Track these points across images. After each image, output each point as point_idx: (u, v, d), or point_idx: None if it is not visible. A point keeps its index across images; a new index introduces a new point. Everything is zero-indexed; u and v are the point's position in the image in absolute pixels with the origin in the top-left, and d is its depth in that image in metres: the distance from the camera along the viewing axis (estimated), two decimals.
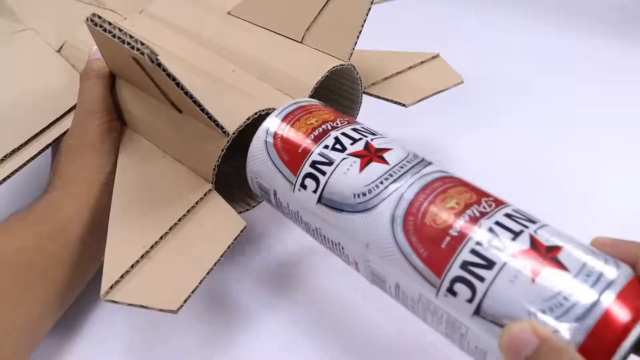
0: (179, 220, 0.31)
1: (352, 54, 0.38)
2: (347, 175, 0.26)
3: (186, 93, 0.29)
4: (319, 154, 0.27)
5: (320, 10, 0.39)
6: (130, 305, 0.27)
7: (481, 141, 0.52)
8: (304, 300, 0.38)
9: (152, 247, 0.30)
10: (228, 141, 0.32)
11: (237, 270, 0.40)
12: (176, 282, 0.28)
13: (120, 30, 0.27)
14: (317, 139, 0.28)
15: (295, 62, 0.38)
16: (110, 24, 0.28)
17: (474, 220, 0.23)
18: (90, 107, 0.35)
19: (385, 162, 0.26)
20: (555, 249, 0.22)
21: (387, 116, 0.48)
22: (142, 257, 0.29)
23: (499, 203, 0.25)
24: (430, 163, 0.27)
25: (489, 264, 0.21)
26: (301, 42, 0.39)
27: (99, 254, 0.32)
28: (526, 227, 0.23)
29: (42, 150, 0.35)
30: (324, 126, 0.29)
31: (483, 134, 0.53)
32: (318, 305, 0.38)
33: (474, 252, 0.22)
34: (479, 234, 0.22)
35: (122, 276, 0.28)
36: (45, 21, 0.44)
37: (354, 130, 0.28)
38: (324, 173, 0.27)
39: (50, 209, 0.32)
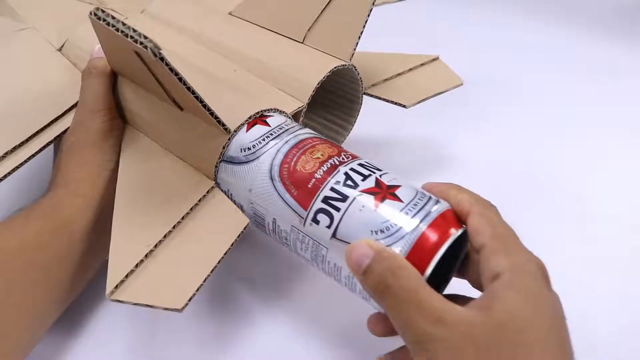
0: (182, 218, 0.31)
1: (353, 54, 0.38)
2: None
3: (188, 88, 0.29)
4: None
5: (322, 11, 0.39)
6: (135, 304, 0.27)
7: (480, 141, 0.53)
8: (306, 300, 0.38)
9: (156, 245, 0.30)
10: (229, 138, 0.32)
11: (239, 268, 0.40)
12: (180, 280, 0.28)
13: (124, 24, 0.27)
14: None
15: (297, 63, 0.38)
16: (113, 17, 0.28)
17: (334, 167, 0.29)
18: (92, 105, 0.35)
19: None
20: (394, 187, 0.28)
21: (387, 117, 0.49)
22: (146, 256, 0.29)
23: (355, 157, 0.31)
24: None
25: (344, 198, 0.28)
26: (302, 43, 0.40)
27: (103, 251, 0.33)
28: (373, 172, 0.29)
29: (43, 147, 0.35)
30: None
31: (482, 134, 0.53)
32: (320, 304, 0.38)
33: (332, 189, 0.28)
34: (337, 176, 0.29)
35: (126, 276, 0.28)
36: (46, 20, 0.44)
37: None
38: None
39: (54, 206, 0.32)
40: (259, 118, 0.33)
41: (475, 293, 0.28)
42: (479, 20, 0.71)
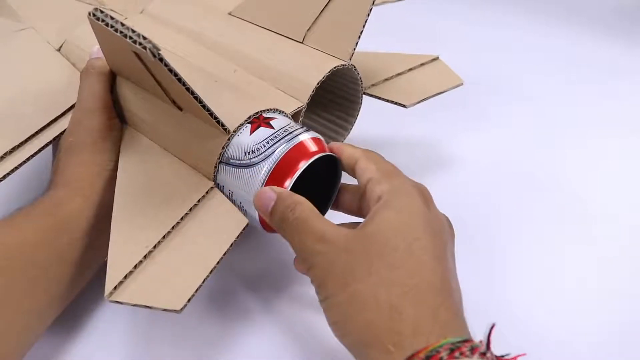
0: (181, 219, 0.31)
1: (353, 54, 0.38)
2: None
3: (187, 89, 0.29)
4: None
5: (322, 11, 0.39)
6: (134, 305, 0.27)
7: (480, 141, 0.53)
8: (306, 300, 0.38)
9: (154, 246, 0.30)
10: (229, 139, 0.32)
11: (239, 269, 0.40)
12: (179, 281, 0.28)
13: (123, 24, 0.27)
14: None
15: (297, 63, 0.38)
16: (112, 18, 0.27)
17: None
18: (90, 105, 0.35)
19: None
20: (270, 119, 0.33)
21: (387, 117, 0.49)
22: (145, 257, 0.29)
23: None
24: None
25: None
26: (302, 43, 0.40)
27: (102, 251, 0.32)
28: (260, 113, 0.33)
29: (43, 147, 0.35)
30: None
31: (482, 134, 0.53)
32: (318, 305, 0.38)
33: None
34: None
35: (125, 277, 0.28)
36: (45, 20, 0.44)
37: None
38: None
39: (54, 205, 0.32)
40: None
41: None
42: (479, 20, 0.71)
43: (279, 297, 0.38)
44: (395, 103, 0.42)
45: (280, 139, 0.31)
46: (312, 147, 0.32)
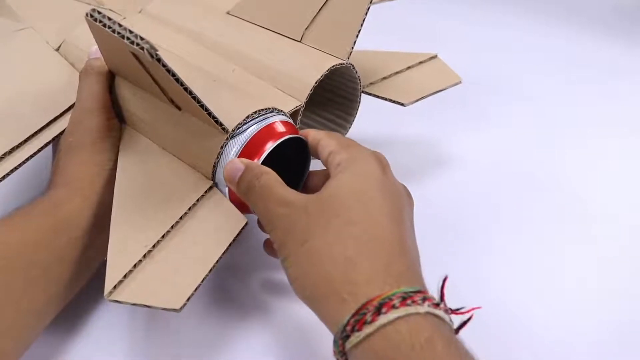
0: (180, 218, 0.31)
1: (351, 53, 0.38)
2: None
3: (185, 89, 0.29)
4: None
5: (320, 10, 0.39)
6: (133, 304, 0.27)
7: (480, 141, 0.53)
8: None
9: (154, 246, 0.30)
10: (227, 138, 0.32)
11: (238, 268, 0.40)
12: (178, 280, 0.28)
13: (120, 25, 0.27)
14: None
15: (295, 62, 0.38)
16: (110, 19, 0.27)
17: None
18: (89, 105, 0.35)
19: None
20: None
21: (385, 115, 0.49)
22: (144, 256, 0.29)
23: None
24: None
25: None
26: (300, 42, 0.40)
27: (102, 251, 0.32)
28: None
29: (42, 147, 0.35)
30: None
31: (482, 134, 0.53)
32: None
33: None
34: None
35: (125, 276, 0.28)
36: (44, 20, 0.44)
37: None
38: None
39: (53, 205, 0.32)
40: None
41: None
42: (479, 20, 0.71)
43: (279, 296, 0.38)
44: (394, 101, 0.42)
45: (252, 120, 0.33)
46: (281, 129, 0.33)
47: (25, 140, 0.35)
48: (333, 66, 0.37)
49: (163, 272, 0.29)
